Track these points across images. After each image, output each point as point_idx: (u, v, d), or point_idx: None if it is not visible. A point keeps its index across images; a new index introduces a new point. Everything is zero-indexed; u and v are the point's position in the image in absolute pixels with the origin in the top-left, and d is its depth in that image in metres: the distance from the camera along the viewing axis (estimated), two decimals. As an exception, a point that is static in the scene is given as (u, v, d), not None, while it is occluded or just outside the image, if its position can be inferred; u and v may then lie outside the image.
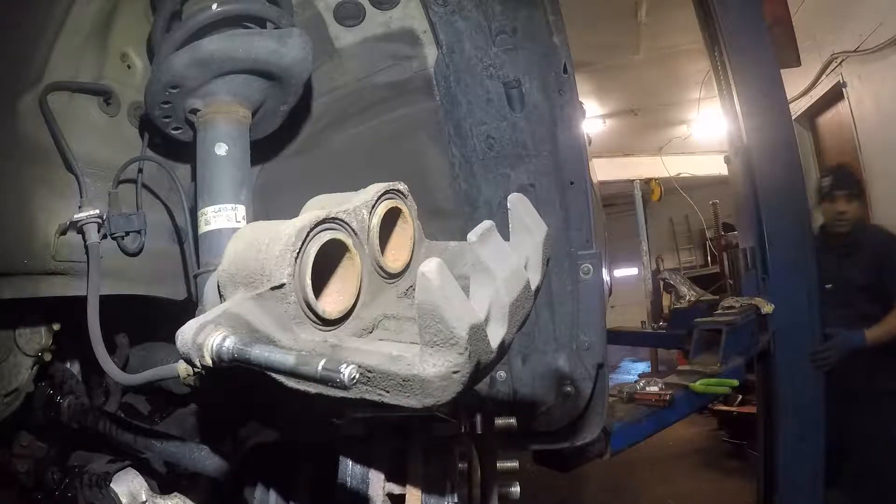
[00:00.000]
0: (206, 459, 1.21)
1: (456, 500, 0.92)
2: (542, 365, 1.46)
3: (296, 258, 0.70)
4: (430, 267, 0.57)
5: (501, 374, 1.48)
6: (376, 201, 0.85)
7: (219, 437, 1.25)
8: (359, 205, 0.82)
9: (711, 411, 5.50)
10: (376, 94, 1.51)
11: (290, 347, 0.68)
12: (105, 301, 1.16)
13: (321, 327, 0.74)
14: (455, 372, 0.59)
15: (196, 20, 1.15)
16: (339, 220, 0.78)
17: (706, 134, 8.18)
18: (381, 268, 0.86)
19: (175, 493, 1.31)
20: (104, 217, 1.23)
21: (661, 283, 8.18)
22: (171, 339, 0.71)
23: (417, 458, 0.95)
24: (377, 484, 0.95)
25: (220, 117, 1.19)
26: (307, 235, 0.72)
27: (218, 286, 0.75)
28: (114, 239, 1.28)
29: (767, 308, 2.86)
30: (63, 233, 1.20)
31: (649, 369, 8.72)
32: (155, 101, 1.20)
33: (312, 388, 0.65)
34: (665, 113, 8.26)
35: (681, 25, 5.15)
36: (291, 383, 0.66)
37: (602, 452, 2.01)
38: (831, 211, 3.16)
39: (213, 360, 0.67)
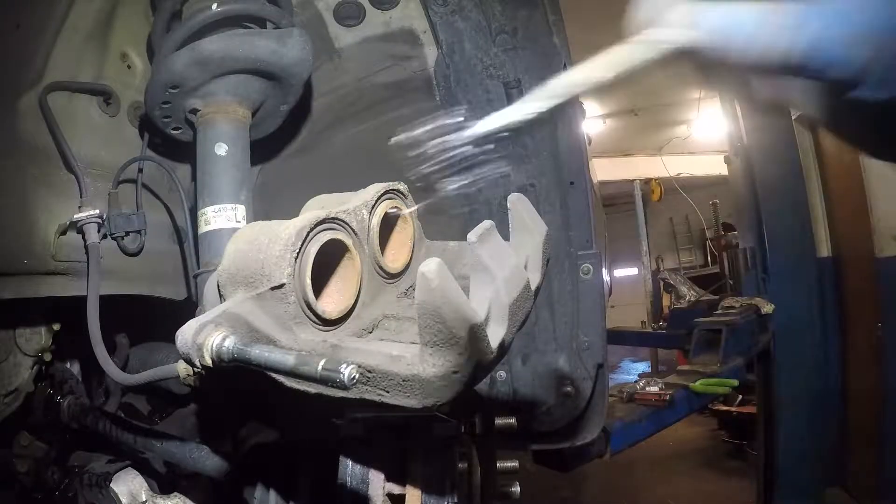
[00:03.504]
0: (206, 459, 1.21)
1: (456, 500, 0.92)
2: (542, 365, 1.45)
3: (296, 258, 0.70)
4: (429, 267, 0.57)
5: (501, 374, 1.48)
6: (376, 201, 0.85)
7: (219, 437, 1.25)
8: (359, 205, 0.82)
9: (711, 411, 5.50)
10: (376, 94, 1.51)
11: (290, 347, 0.68)
12: (105, 301, 1.16)
13: (321, 327, 0.74)
14: (455, 372, 0.59)
15: (196, 20, 1.15)
16: (339, 220, 0.78)
17: (706, 134, 8.18)
18: (381, 268, 0.86)
19: (175, 493, 1.31)
20: (104, 217, 1.23)
21: (661, 283, 8.18)
22: (171, 339, 0.71)
23: (417, 458, 0.95)
24: (377, 484, 0.95)
25: (220, 117, 1.19)
26: (307, 235, 0.72)
27: (218, 286, 0.75)
28: (114, 239, 1.29)
29: (767, 308, 2.87)
30: (63, 233, 1.20)
31: (649, 369, 8.73)
32: (155, 101, 1.20)
33: (312, 388, 0.65)
34: (665, 113, 8.26)
35: (681, 25, 5.15)
36: (291, 383, 0.66)
37: (602, 452, 2.01)
38: None
39: (213, 360, 0.67)
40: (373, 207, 0.84)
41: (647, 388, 2.68)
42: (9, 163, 1.16)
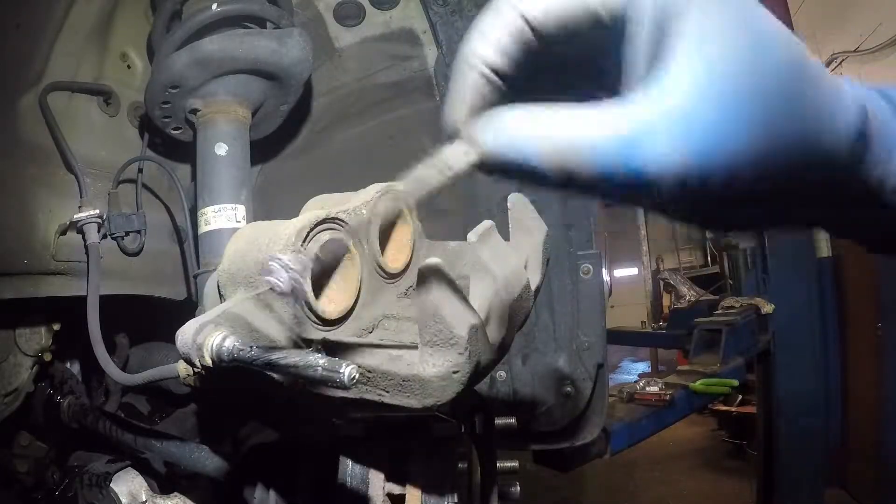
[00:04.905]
0: (206, 459, 1.20)
1: (456, 500, 0.92)
2: (542, 365, 1.45)
3: (296, 258, 0.70)
4: (429, 266, 0.57)
5: (501, 374, 1.48)
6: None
7: (219, 437, 1.25)
8: (359, 205, 0.82)
9: (711, 411, 5.50)
10: (376, 94, 1.51)
11: (290, 348, 0.68)
12: (105, 301, 1.16)
13: (321, 327, 0.74)
14: (455, 372, 0.59)
15: (196, 20, 1.15)
16: (339, 220, 0.78)
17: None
18: (381, 268, 0.86)
19: (175, 493, 1.31)
20: (104, 217, 1.23)
21: (661, 283, 8.19)
22: (171, 339, 0.71)
23: (417, 458, 0.95)
24: (377, 484, 0.95)
25: (220, 117, 1.19)
26: (307, 235, 0.72)
27: (218, 286, 0.75)
28: (114, 239, 1.28)
29: (767, 308, 2.87)
30: (63, 233, 1.20)
31: (649, 369, 8.73)
32: (155, 101, 1.20)
33: (312, 388, 0.65)
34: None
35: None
36: (290, 383, 0.66)
37: (602, 452, 2.01)
38: None
39: (212, 360, 0.67)
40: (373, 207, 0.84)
41: (647, 388, 2.67)
42: (9, 163, 1.16)
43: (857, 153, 0.37)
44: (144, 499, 1.30)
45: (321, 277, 0.77)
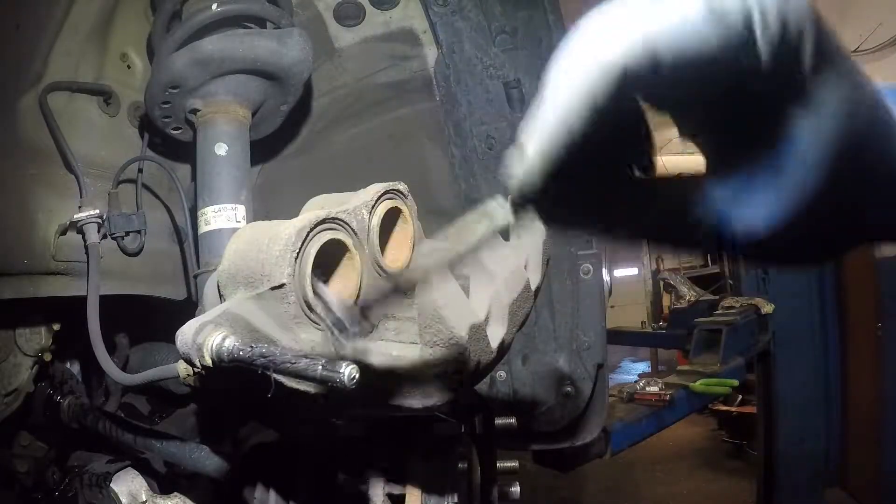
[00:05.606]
0: (206, 459, 1.20)
1: (456, 500, 0.92)
2: (542, 365, 1.46)
3: (296, 258, 0.70)
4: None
5: (501, 374, 1.48)
6: (376, 201, 0.85)
7: (219, 437, 1.25)
8: (359, 205, 0.82)
9: (711, 411, 5.50)
10: (376, 94, 1.51)
11: (290, 348, 0.68)
12: (105, 301, 1.16)
13: (321, 327, 0.74)
14: (455, 372, 0.59)
15: (196, 20, 1.15)
16: (338, 220, 0.78)
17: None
18: (381, 268, 0.86)
19: (175, 493, 1.31)
20: (104, 217, 1.23)
21: (661, 283, 8.20)
22: (171, 339, 0.71)
23: (417, 458, 0.95)
24: (377, 484, 0.95)
25: (220, 117, 1.19)
26: (307, 235, 0.72)
27: (218, 286, 0.75)
28: (114, 239, 1.28)
29: (767, 308, 2.87)
30: (63, 233, 1.20)
31: (649, 369, 8.73)
32: (155, 101, 1.20)
33: (312, 388, 0.65)
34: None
35: (681, 25, 5.14)
36: (291, 383, 0.67)
37: (602, 452, 2.01)
38: None
39: (212, 360, 0.67)
40: (373, 207, 0.84)
41: (647, 388, 2.67)
42: (9, 163, 1.16)
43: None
44: (144, 499, 1.30)
45: (321, 277, 0.77)
